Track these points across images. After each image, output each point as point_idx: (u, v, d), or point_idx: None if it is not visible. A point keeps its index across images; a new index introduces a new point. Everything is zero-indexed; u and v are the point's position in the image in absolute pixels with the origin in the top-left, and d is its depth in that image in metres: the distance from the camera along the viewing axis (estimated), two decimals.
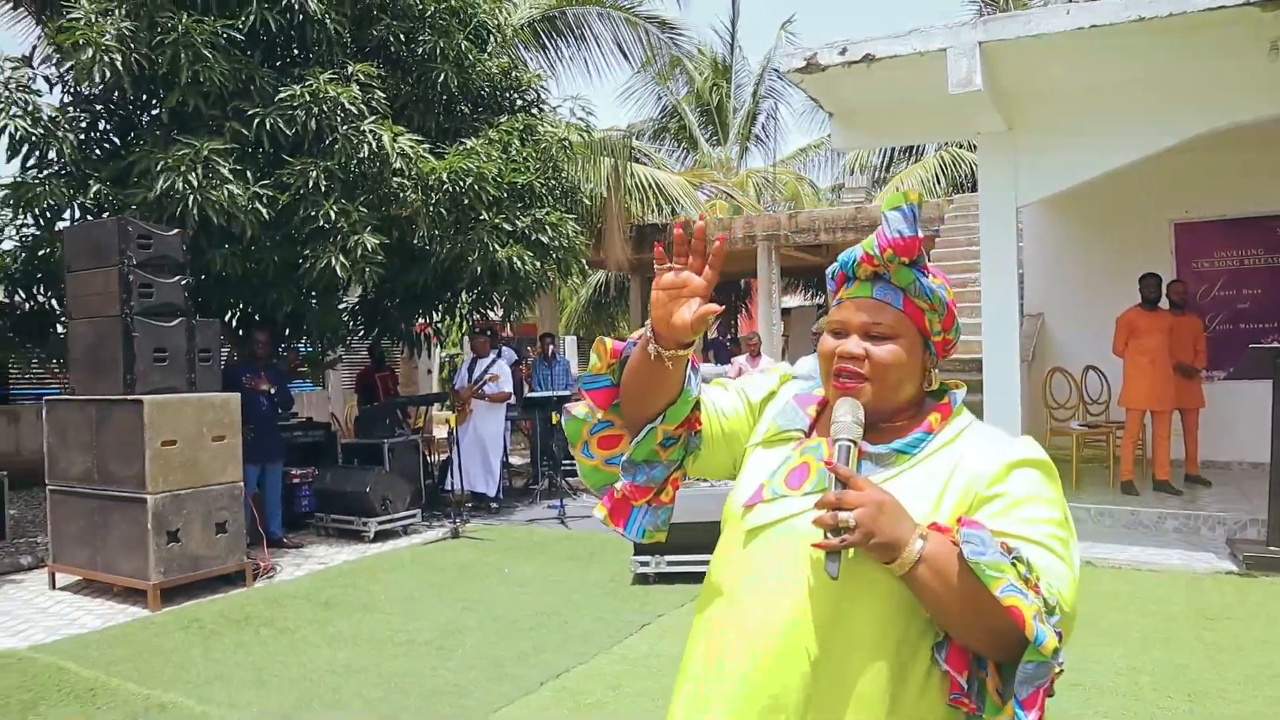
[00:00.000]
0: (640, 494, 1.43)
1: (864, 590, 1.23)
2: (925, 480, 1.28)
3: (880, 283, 1.35)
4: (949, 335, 1.37)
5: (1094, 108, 7.28)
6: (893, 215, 1.32)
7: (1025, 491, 1.23)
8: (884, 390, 1.32)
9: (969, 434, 1.33)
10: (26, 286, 7.94)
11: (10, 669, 4.65)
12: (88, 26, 6.70)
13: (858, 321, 1.34)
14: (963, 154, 18.73)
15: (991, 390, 7.69)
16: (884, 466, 1.31)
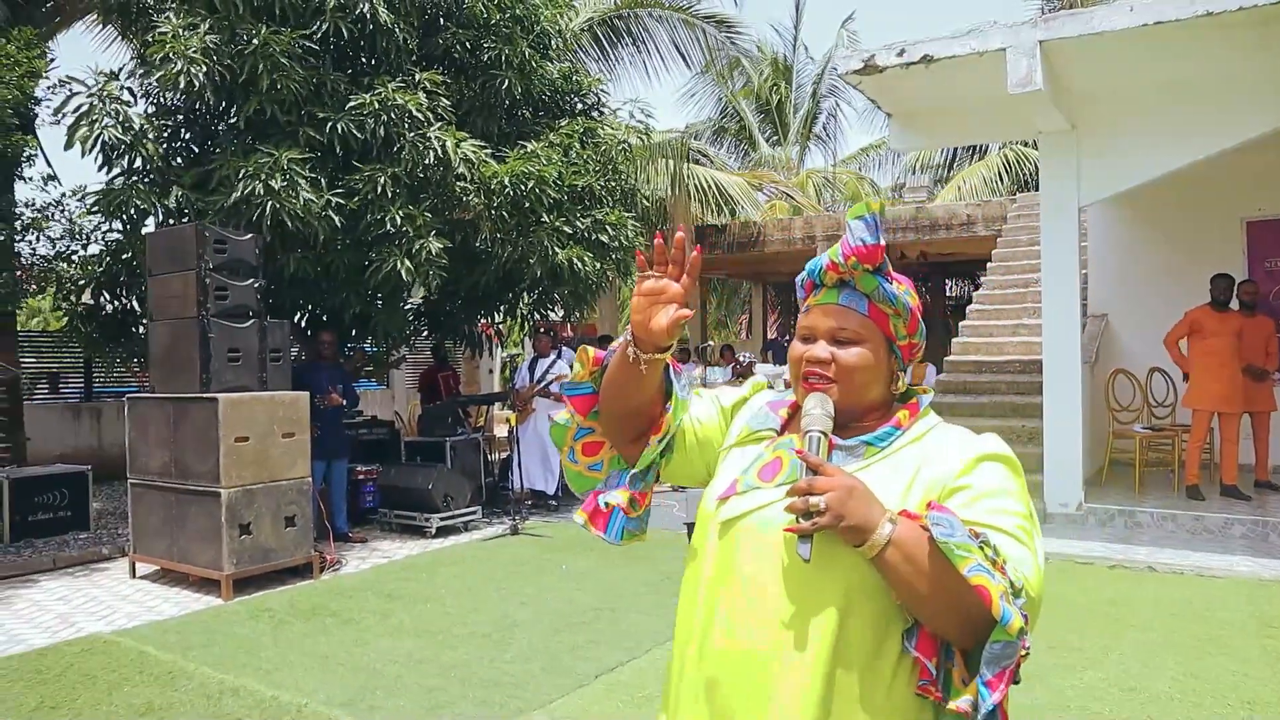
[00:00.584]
0: (640, 498, 1.50)
1: (838, 577, 1.26)
2: (894, 472, 1.33)
3: (846, 289, 1.40)
4: (914, 339, 1.42)
5: (1158, 105, 7.17)
6: (856, 224, 1.37)
7: (992, 485, 1.28)
8: (850, 392, 1.37)
9: (937, 432, 1.39)
10: (111, 289, 8.31)
11: (97, 651, 4.91)
12: (175, 40, 7.01)
13: (824, 326, 1.39)
14: (1027, 152, 18.40)
15: (1052, 392, 7.61)
16: (854, 458, 1.36)
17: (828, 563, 1.25)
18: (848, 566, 1.25)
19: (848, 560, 1.24)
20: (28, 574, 6.92)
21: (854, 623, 1.26)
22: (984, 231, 13.69)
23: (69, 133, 7.28)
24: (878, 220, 1.36)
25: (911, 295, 1.42)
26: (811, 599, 1.27)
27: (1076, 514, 7.49)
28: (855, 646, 1.26)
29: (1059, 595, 5.71)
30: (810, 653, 1.25)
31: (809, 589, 1.27)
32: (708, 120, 22.57)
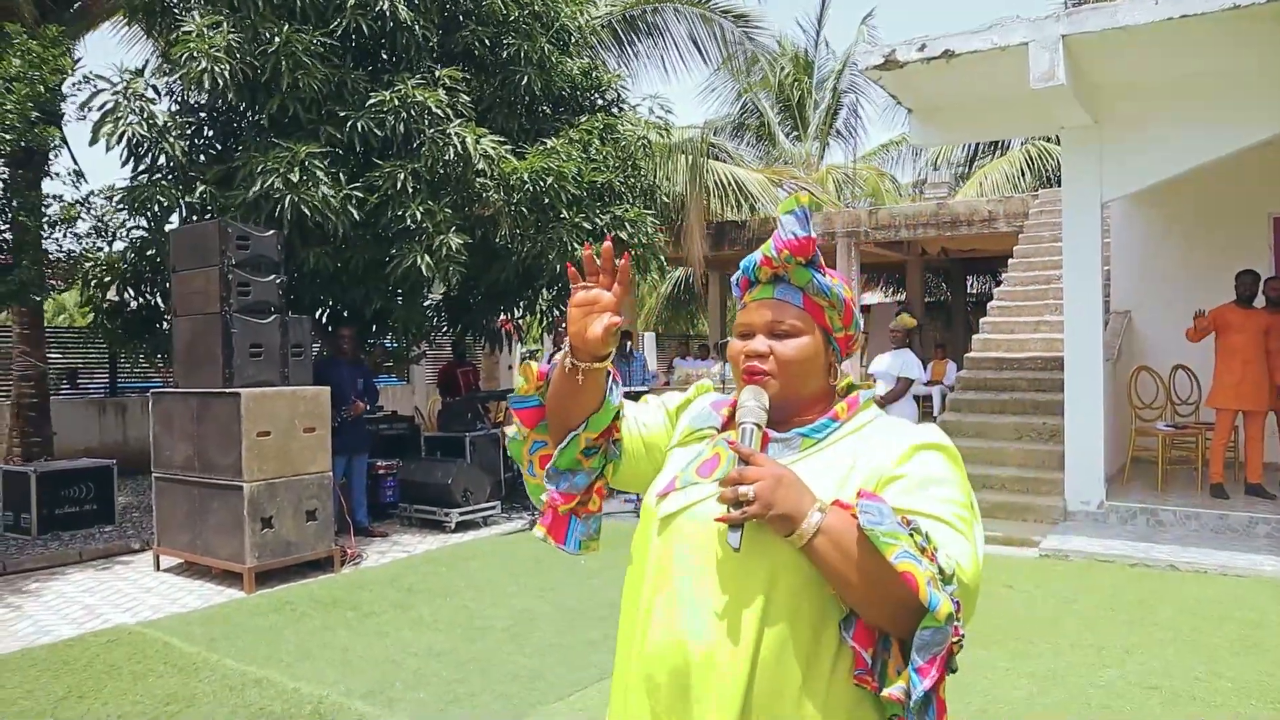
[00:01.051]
0: (565, 499, 1.49)
1: (774, 566, 1.26)
2: (830, 463, 1.34)
3: (781, 284, 1.42)
4: (850, 331, 1.44)
5: (1183, 100, 7.10)
6: (787, 219, 1.38)
7: (928, 473, 1.28)
8: (789, 384, 1.38)
9: (876, 424, 1.40)
10: (135, 285, 8.41)
11: (122, 642, 4.98)
12: (198, 39, 7.08)
13: (761, 321, 1.41)
14: (1049, 148, 18.26)
15: (1074, 389, 7.57)
16: (790, 450, 1.37)
17: (765, 552, 1.25)
18: (785, 557, 1.24)
19: (785, 551, 1.24)
20: (55, 566, 7.01)
21: (794, 611, 1.25)
22: (1005, 228, 13.60)
23: (94, 129, 7.37)
24: (808, 213, 1.38)
25: (845, 288, 1.43)
26: (746, 591, 1.27)
27: (1097, 511, 7.44)
28: (796, 635, 1.25)
29: (1080, 593, 5.68)
30: (744, 645, 1.25)
31: (743, 581, 1.27)
32: (727, 116, 22.52)
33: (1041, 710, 3.90)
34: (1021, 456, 8.54)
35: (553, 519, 1.52)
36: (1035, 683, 4.18)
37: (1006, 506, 7.81)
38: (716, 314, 19.23)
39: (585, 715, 3.94)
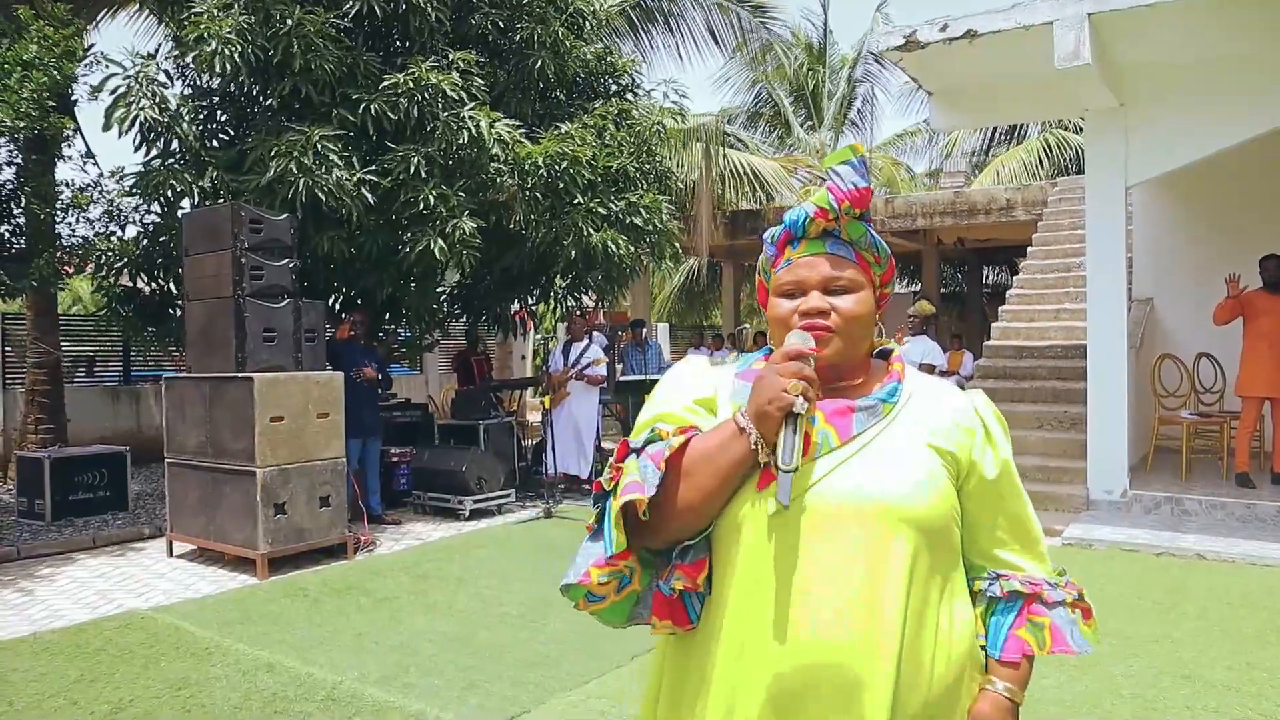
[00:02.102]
0: (698, 570, 1.30)
1: (914, 549, 1.24)
2: (914, 426, 1.32)
3: (831, 239, 1.34)
4: (886, 289, 1.40)
5: (1212, 80, 6.95)
6: (843, 169, 1.31)
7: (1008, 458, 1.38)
8: (850, 343, 1.33)
9: (924, 385, 1.40)
10: (148, 271, 8.36)
11: (135, 627, 4.93)
12: (210, 21, 7.01)
13: (817, 277, 1.32)
14: (1068, 137, 18.07)
15: (1096, 377, 7.45)
16: (875, 417, 1.32)
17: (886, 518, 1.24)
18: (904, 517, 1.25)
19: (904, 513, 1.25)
20: (68, 552, 6.99)
21: (921, 594, 1.25)
22: (1024, 216, 13.44)
23: (106, 114, 7.32)
24: (865, 163, 1.33)
25: None
26: (880, 577, 1.22)
27: (1121, 500, 7.32)
28: (925, 614, 1.26)
29: (1105, 582, 5.58)
30: (890, 631, 1.22)
31: (877, 567, 1.22)
32: (742, 105, 22.38)
33: (1071, 699, 3.81)
34: (1043, 445, 8.42)
35: (667, 607, 1.32)
36: (1064, 671, 4.08)
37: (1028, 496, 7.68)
38: (731, 304, 19.11)
39: (602, 702, 3.87)
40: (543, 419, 9.06)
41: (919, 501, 1.24)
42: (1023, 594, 1.34)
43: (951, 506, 1.28)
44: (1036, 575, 1.36)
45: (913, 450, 1.28)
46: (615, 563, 1.29)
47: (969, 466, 1.32)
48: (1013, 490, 1.36)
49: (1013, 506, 1.36)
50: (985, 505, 1.34)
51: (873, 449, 1.27)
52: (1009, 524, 1.36)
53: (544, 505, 8.12)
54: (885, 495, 1.22)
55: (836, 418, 1.29)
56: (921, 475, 1.26)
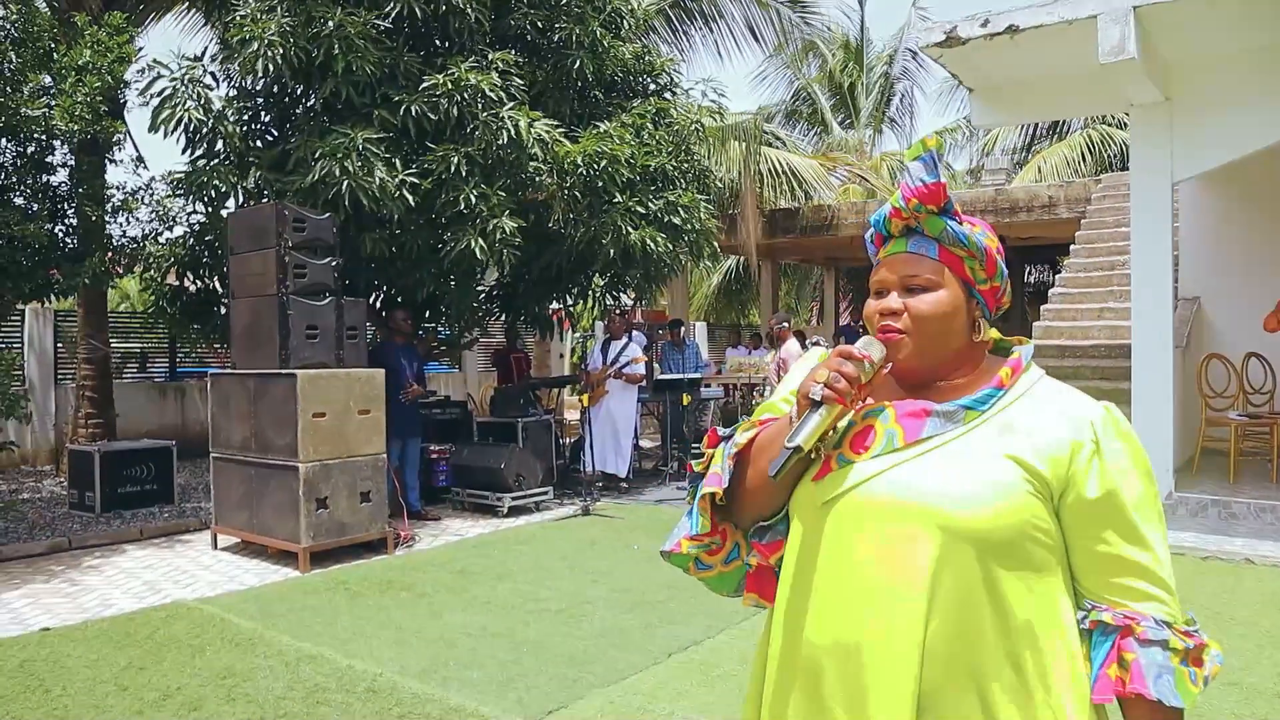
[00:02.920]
0: (772, 550, 1.41)
1: (940, 552, 1.20)
2: (999, 435, 1.25)
3: (914, 236, 1.33)
4: (996, 283, 1.33)
5: (1262, 72, 6.81)
6: (914, 165, 1.30)
7: (1121, 479, 1.24)
8: (925, 342, 1.30)
9: (1041, 389, 1.31)
10: (194, 270, 8.53)
11: (181, 617, 5.03)
12: (254, 23, 7.14)
13: (895, 276, 1.32)
14: (1112, 132, 17.77)
15: (1141, 378, 7.32)
16: (953, 423, 1.27)
17: (924, 538, 1.21)
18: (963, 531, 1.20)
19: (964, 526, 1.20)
20: (117, 543, 7.15)
21: (958, 601, 1.19)
22: (1066, 214, 13.24)
23: (153, 116, 7.47)
24: (935, 157, 1.29)
25: (988, 236, 1.33)
26: (911, 577, 1.20)
27: (1166, 504, 7.19)
28: (962, 625, 1.20)
29: None
30: (911, 633, 1.19)
31: (909, 567, 1.20)
32: (780, 103, 22.30)
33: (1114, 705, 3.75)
34: None
35: (758, 578, 1.46)
36: None
37: None
38: (769, 303, 19.04)
39: (640, 698, 3.89)
40: (581, 417, 9.10)
41: (968, 510, 1.19)
42: (1112, 626, 1.23)
43: (1024, 521, 1.20)
44: (1137, 609, 1.23)
45: (983, 459, 1.22)
46: (700, 539, 1.41)
47: (1065, 482, 1.23)
48: (1120, 517, 1.23)
49: (1117, 536, 1.23)
50: (1080, 528, 1.24)
51: (938, 454, 1.25)
52: (1111, 553, 1.24)
53: (582, 503, 8.16)
54: (927, 499, 1.21)
55: (908, 419, 1.29)
56: (983, 485, 1.21)
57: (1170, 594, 1.24)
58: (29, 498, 9.00)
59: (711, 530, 1.41)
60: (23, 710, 3.79)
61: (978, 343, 1.33)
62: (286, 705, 3.79)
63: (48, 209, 7.28)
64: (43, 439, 11.38)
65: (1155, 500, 1.26)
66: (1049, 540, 1.23)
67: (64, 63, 6.88)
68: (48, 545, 6.90)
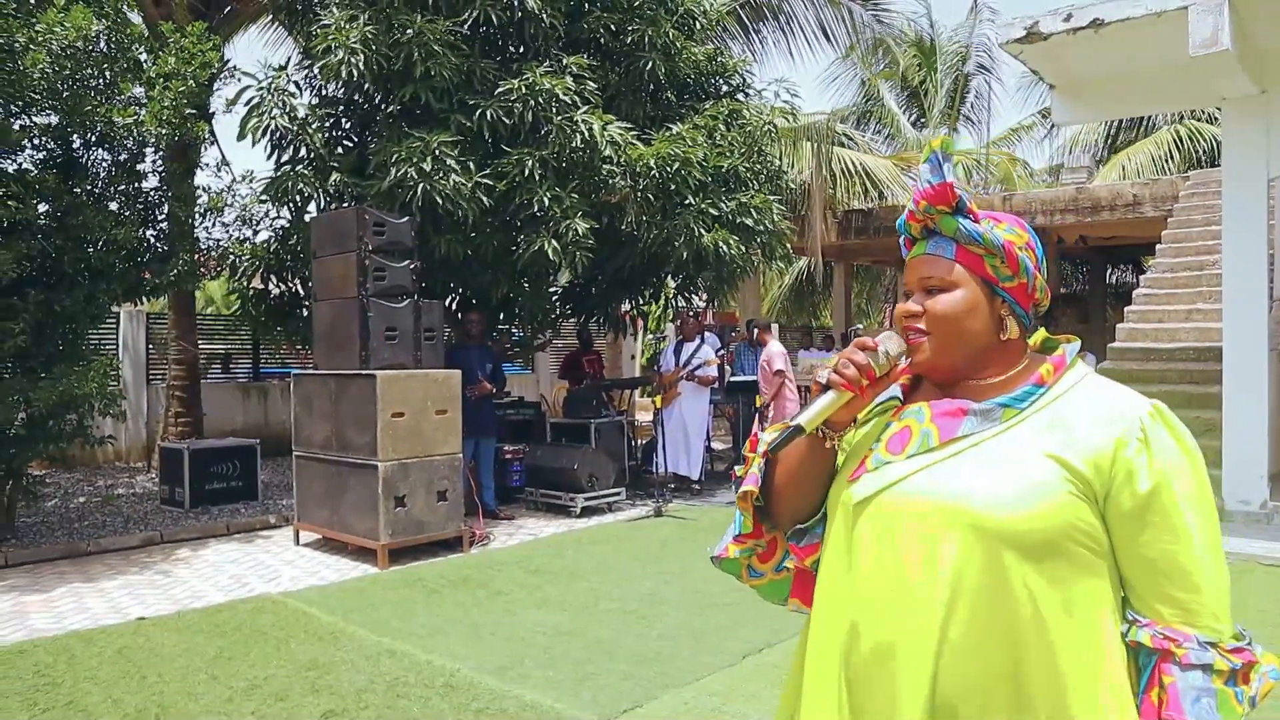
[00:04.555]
0: (808, 553, 1.44)
1: (963, 553, 1.19)
2: (1038, 434, 1.23)
3: (933, 238, 1.33)
4: (1022, 279, 1.30)
5: None
6: (923, 168, 1.31)
7: (1168, 478, 1.19)
8: (945, 342, 1.29)
9: (1085, 386, 1.27)
10: (278, 273, 8.78)
11: (266, 610, 5.19)
12: (337, 32, 7.33)
13: (915, 278, 1.33)
14: (1201, 127, 17.15)
15: (1233, 382, 7.07)
16: (990, 421, 1.26)
17: (947, 538, 1.20)
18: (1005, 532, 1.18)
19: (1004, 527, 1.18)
20: (205, 537, 7.40)
21: (983, 600, 1.18)
22: (1152, 212, 12.83)
23: (241, 124, 7.73)
24: (939, 157, 1.30)
25: (1014, 232, 1.31)
26: (934, 575, 1.19)
27: (1260, 512, 6.93)
28: (987, 625, 1.18)
29: (1241, 597, 5.29)
30: (930, 631, 1.19)
31: (933, 565, 1.20)
32: (852, 104, 22.04)
33: None
34: None
35: (800, 583, 1.49)
36: None
37: None
38: (841, 304, 18.84)
39: (714, 699, 3.88)
40: (653, 419, 9.12)
41: (1000, 511, 1.17)
42: (1151, 650, 1.18)
43: (1064, 523, 1.17)
44: (1179, 630, 1.16)
45: (1022, 459, 1.20)
46: (745, 541, 1.46)
47: (1109, 481, 1.19)
48: (1166, 521, 1.17)
49: (1161, 539, 1.18)
50: (1125, 530, 1.20)
51: (973, 454, 1.24)
52: (1154, 559, 1.18)
53: (654, 504, 8.18)
54: (957, 499, 1.20)
55: (944, 418, 1.29)
56: (1018, 484, 1.19)
57: (1218, 607, 1.17)
58: (123, 492, 9.37)
59: (755, 532, 1.44)
60: (123, 694, 3.95)
61: (1007, 341, 1.31)
62: (368, 698, 3.88)
63: (139, 213, 7.58)
64: (135, 436, 11.84)
65: (1208, 505, 1.20)
66: (1094, 544, 1.20)
67: (152, 71, 7.15)
68: (141, 539, 7.18)
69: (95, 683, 4.08)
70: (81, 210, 6.74)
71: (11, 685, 4.07)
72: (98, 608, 5.40)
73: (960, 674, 1.17)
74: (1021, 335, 1.32)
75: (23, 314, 6.32)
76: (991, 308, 1.30)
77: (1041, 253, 1.34)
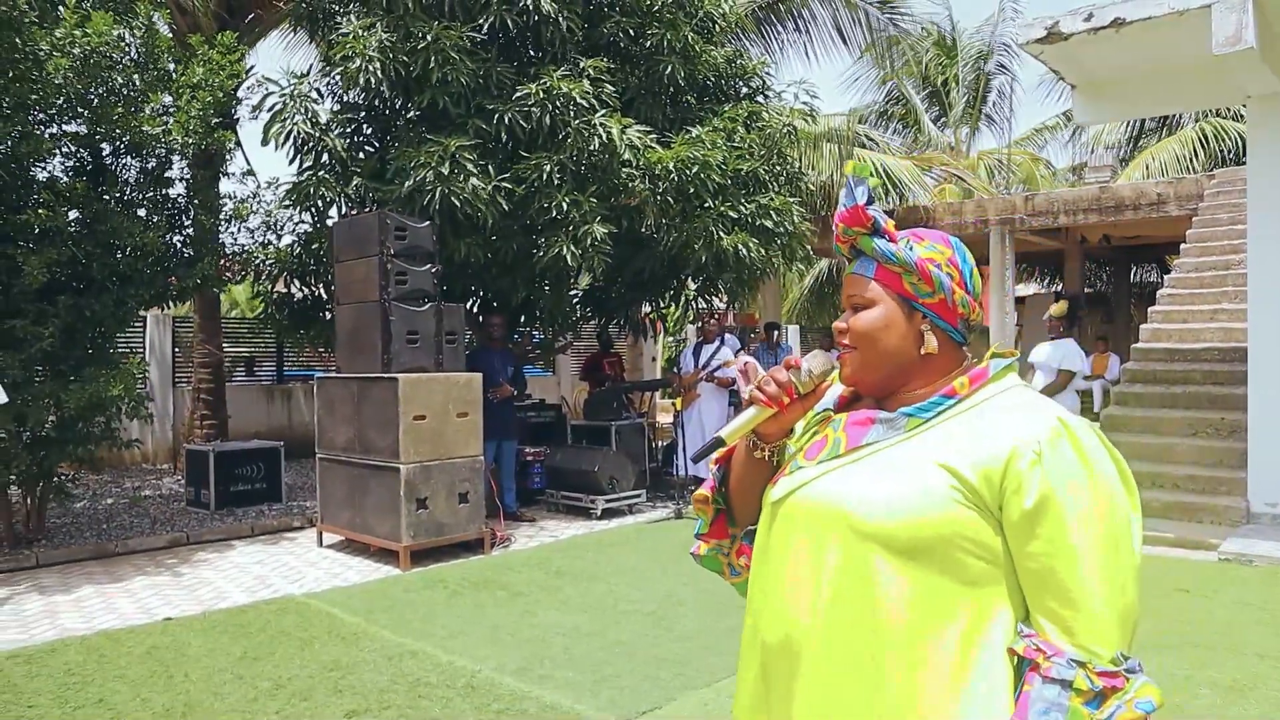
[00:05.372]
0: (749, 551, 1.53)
1: (838, 551, 1.26)
2: (937, 443, 1.26)
3: (859, 258, 1.39)
4: (942, 295, 1.33)
5: None
6: (841, 194, 1.37)
7: (1058, 492, 1.18)
8: (867, 357, 1.35)
9: (1000, 399, 1.29)
10: (301, 277, 8.88)
11: (290, 611, 5.26)
12: (355, 40, 7.41)
13: (844, 296, 1.40)
14: (1226, 125, 16.96)
15: (1259, 381, 7.01)
16: (895, 430, 1.31)
17: (827, 535, 1.28)
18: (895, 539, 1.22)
19: (894, 534, 1.22)
20: (230, 539, 7.49)
21: (855, 598, 1.24)
22: (1176, 211, 12.69)
23: (265, 130, 7.82)
24: (852, 181, 1.35)
25: (935, 249, 1.34)
26: (819, 574, 1.27)
27: None
28: (902, 631, 1.21)
29: (1268, 600, 5.25)
30: (819, 625, 1.26)
31: (818, 563, 1.28)
32: (872, 104, 21.96)
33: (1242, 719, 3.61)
34: (1196, 453, 7.96)
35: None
36: (1218, 693, 3.87)
37: (1179, 506, 7.29)
38: None
39: (732, 702, 3.89)
40: (673, 421, 9.14)
41: (876, 514, 1.22)
42: (1024, 659, 1.18)
43: (947, 531, 1.19)
44: (1053, 644, 1.16)
45: (912, 466, 1.24)
46: (709, 540, 1.57)
47: (1002, 494, 1.20)
48: (1052, 536, 1.17)
49: (1043, 554, 1.17)
50: (1014, 542, 1.20)
51: (870, 461, 1.29)
52: (1037, 572, 1.18)
53: (674, 506, 8.20)
54: (840, 502, 1.27)
55: (853, 427, 1.35)
56: (900, 490, 1.22)
57: (1101, 628, 1.15)
58: (150, 494, 9.50)
59: (717, 532, 1.56)
60: (151, 693, 4.02)
61: (928, 355, 1.33)
62: (390, 698, 3.93)
63: (167, 220, 7.69)
64: (162, 439, 12.00)
65: (1110, 523, 1.17)
66: (986, 555, 1.21)
67: (181, 81, 7.26)
68: (168, 540, 7.28)
69: (124, 682, 4.16)
70: (111, 217, 6.85)
71: (43, 684, 4.15)
72: (126, 608, 5.50)
73: (834, 675, 1.24)
74: (949, 350, 1.35)
75: (53, 318, 6.43)
76: (910, 324, 1.34)
77: (968, 268, 1.36)
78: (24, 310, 6.39)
